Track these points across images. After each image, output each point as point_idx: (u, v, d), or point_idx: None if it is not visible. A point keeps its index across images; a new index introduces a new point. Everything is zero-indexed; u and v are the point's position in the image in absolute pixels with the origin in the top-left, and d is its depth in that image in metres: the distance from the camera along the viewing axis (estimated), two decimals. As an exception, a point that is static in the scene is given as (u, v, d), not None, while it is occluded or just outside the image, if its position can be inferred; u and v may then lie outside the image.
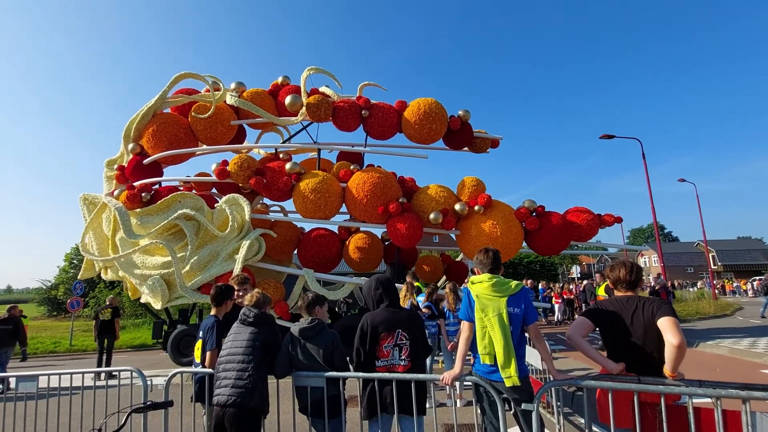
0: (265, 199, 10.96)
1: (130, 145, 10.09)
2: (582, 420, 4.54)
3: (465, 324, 3.12)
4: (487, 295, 3.01)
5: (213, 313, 3.93)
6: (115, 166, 10.43)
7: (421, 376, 3.16)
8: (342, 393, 3.30)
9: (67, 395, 3.97)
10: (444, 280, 11.18)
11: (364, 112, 9.24)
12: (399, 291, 5.70)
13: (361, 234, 9.94)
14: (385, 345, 3.22)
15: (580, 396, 2.77)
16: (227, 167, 9.45)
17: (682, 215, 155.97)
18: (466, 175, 9.53)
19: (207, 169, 12.21)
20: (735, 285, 39.41)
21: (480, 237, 8.66)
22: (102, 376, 8.62)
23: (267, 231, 9.32)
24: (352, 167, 9.85)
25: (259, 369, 3.18)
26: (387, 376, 3.14)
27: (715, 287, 29.77)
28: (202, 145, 10.60)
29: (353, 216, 9.77)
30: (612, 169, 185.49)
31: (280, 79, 11.42)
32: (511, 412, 3.07)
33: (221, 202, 9.40)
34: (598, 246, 12.43)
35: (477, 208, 8.79)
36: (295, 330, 3.39)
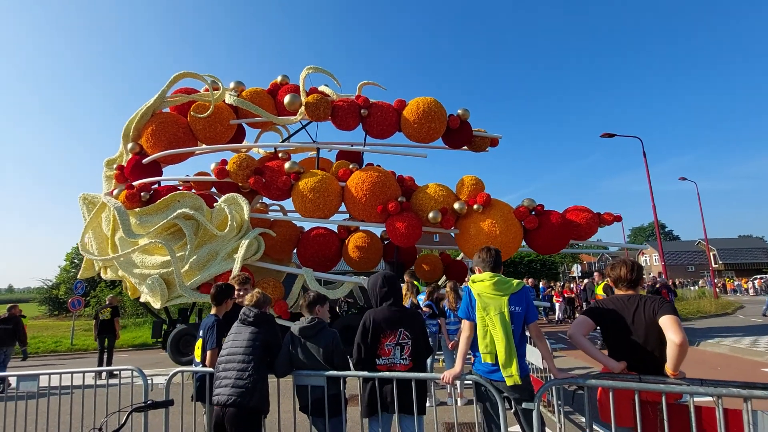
0: (264, 199, 10.96)
1: (130, 145, 10.09)
2: (583, 419, 4.54)
3: (465, 323, 3.11)
4: (489, 294, 3.00)
5: (213, 312, 3.94)
6: (115, 166, 10.43)
7: (421, 375, 3.15)
8: (342, 392, 3.30)
9: (68, 394, 3.98)
10: (444, 279, 11.17)
11: (363, 111, 9.22)
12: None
13: (360, 233, 9.92)
14: (387, 343, 3.21)
15: (581, 395, 2.78)
16: (226, 166, 9.45)
17: (683, 214, 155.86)
18: (466, 174, 9.51)
19: (206, 168, 12.23)
20: (736, 284, 39.29)
21: (479, 236, 8.64)
22: (103, 375, 8.65)
23: (266, 230, 9.31)
24: (351, 166, 9.84)
25: (259, 369, 3.18)
26: (388, 375, 3.13)
27: (716, 286, 29.70)
28: (202, 145, 10.59)
29: (352, 215, 9.76)
30: (613, 167, 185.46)
31: (279, 78, 11.40)
32: (512, 411, 3.07)
33: (220, 201, 9.39)
34: (598, 245, 12.40)
35: (476, 207, 8.76)
36: (295, 329, 3.39)
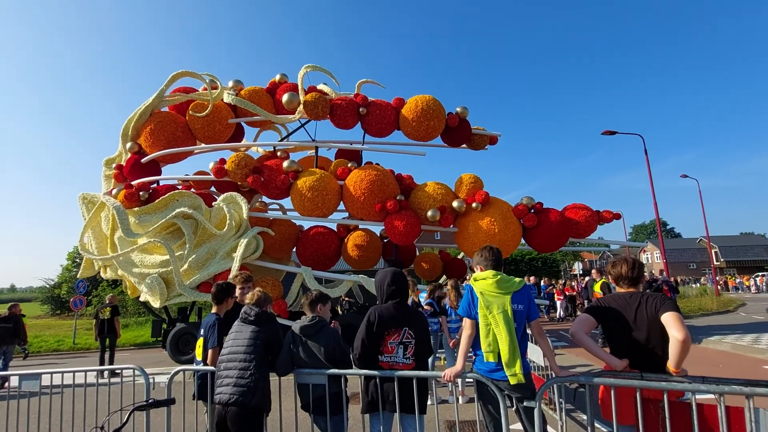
0: (264, 197, 10.96)
1: (128, 144, 10.09)
2: (584, 416, 4.53)
3: (467, 321, 3.09)
4: (492, 293, 2.99)
5: (214, 311, 3.95)
6: (114, 165, 10.43)
7: (422, 373, 3.15)
8: (344, 390, 3.31)
9: (70, 393, 3.99)
10: (444, 278, 11.16)
11: (361, 109, 9.20)
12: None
13: (359, 231, 9.92)
14: (391, 341, 3.20)
15: (583, 392, 2.77)
16: (225, 166, 9.44)
17: (684, 211, 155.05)
18: (466, 172, 9.48)
19: (205, 167, 12.21)
20: (738, 281, 39.24)
21: (478, 234, 8.63)
22: (105, 374, 8.68)
23: (265, 229, 9.32)
24: (350, 165, 9.84)
25: (260, 367, 3.19)
26: (389, 373, 3.13)
27: (718, 283, 29.62)
28: (200, 144, 10.59)
29: (351, 214, 9.76)
30: (614, 165, 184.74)
31: (278, 77, 11.39)
32: (513, 409, 3.07)
33: (219, 200, 9.39)
34: (600, 243, 12.37)
35: (475, 205, 8.74)
36: (296, 328, 3.39)
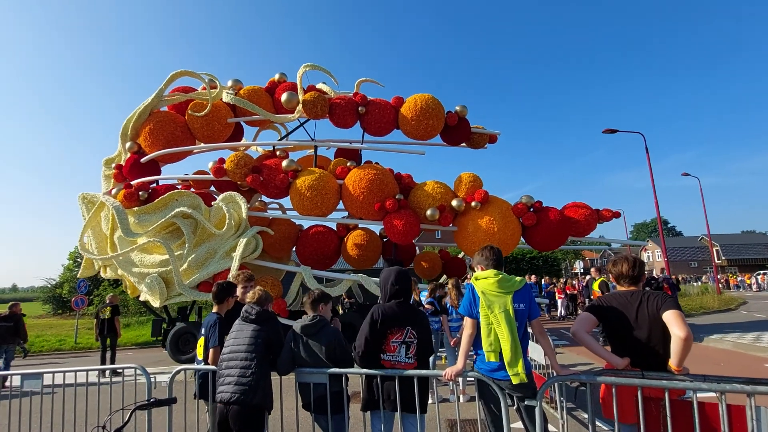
0: (263, 197, 10.97)
1: (128, 144, 10.10)
2: (585, 415, 4.51)
3: (468, 320, 3.09)
4: (494, 292, 2.98)
5: (215, 310, 3.95)
6: (113, 165, 10.45)
7: (423, 372, 3.16)
8: (345, 389, 3.31)
9: (71, 393, 4.00)
10: (444, 277, 11.16)
11: (360, 108, 9.19)
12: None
13: (359, 231, 9.91)
14: (393, 340, 3.20)
15: (584, 391, 2.77)
16: (224, 165, 9.44)
17: (685, 210, 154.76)
18: (465, 171, 9.48)
19: (205, 167, 12.24)
20: (739, 279, 39.16)
21: (477, 233, 8.62)
22: (106, 373, 8.70)
23: (264, 228, 9.32)
24: (349, 164, 9.83)
25: (261, 366, 3.19)
26: (390, 372, 3.13)
27: (719, 282, 29.58)
28: (200, 143, 10.59)
29: (350, 213, 9.76)
30: (615, 164, 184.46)
31: (277, 76, 11.38)
32: (514, 408, 3.07)
33: (218, 200, 9.40)
34: (600, 241, 12.36)
35: (474, 204, 8.72)
36: (297, 327, 3.40)
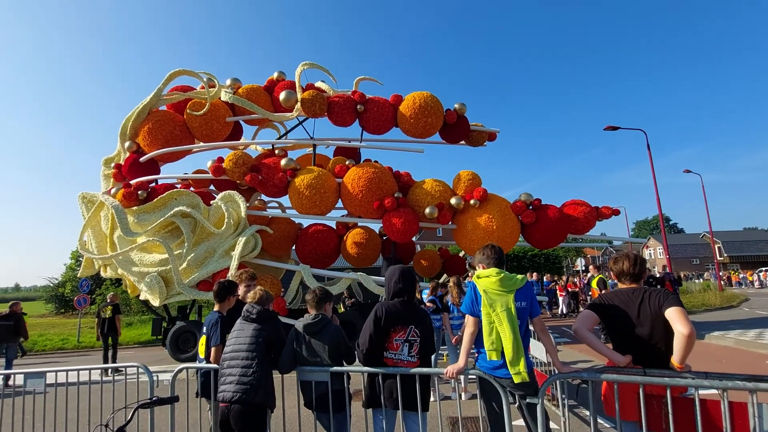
0: (262, 196, 10.98)
1: (127, 143, 10.12)
2: (587, 412, 4.51)
3: (469, 318, 3.09)
4: (495, 290, 2.97)
5: (216, 309, 3.96)
6: (112, 164, 10.47)
7: (425, 370, 3.15)
8: (347, 387, 3.32)
9: (74, 391, 4.01)
10: (444, 277, 11.16)
11: (359, 106, 9.18)
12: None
13: (358, 229, 9.92)
14: (396, 338, 3.21)
15: (585, 388, 2.77)
16: (223, 164, 9.45)
17: (687, 207, 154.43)
18: (464, 168, 9.46)
19: (204, 166, 12.25)
20: (741, 276, 38.99)
21: (476, 231, 8.61)
22: (108, 372, 8.73)
23: (263, 227, 9.33)
24: (348, 162, 9.83)
25: (263, 365, 3.20)
26: (392, 370, 3.13)
27: (721, 279, 29.48)
28: (198, 143, 10.61)
29: (349, 211, 9.76)
30: (617, 160, 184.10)
31: (276, 75, 11.38)
32: (516, 405, 3.07)
33: (217, 199, 9.41)
34: (602, 239, 12.37)
35: (473, 202, 8.71)
36: (299, 326, 3.40)
